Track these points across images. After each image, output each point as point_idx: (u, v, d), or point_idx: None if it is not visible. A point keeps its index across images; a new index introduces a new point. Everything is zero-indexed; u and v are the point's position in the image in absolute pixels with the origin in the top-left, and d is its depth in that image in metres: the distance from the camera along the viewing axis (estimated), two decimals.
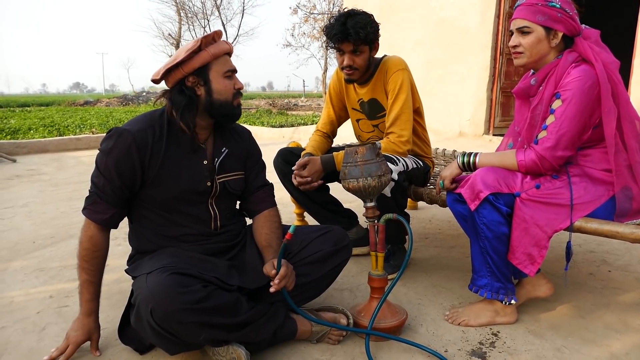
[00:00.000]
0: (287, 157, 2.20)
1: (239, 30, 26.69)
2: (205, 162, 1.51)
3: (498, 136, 5.75)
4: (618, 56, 1.58)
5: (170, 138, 1.45)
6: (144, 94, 26.18)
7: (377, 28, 2.03)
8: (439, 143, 5.05)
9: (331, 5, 22.76)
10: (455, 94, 6.18)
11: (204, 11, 26.19)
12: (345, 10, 2.02)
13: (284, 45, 26.37)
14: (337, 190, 2.22)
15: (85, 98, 27.38)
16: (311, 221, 2.50)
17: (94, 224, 1.43)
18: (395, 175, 1.88)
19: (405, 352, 1.51)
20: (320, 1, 35.39)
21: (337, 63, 2.11)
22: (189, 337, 1.29)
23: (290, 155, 2.20)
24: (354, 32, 1.92)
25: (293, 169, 2.04)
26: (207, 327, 1.28)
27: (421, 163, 2.18)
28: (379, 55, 2.15)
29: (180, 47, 1.43)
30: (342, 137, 2.95)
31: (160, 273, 1.26)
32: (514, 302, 1.64)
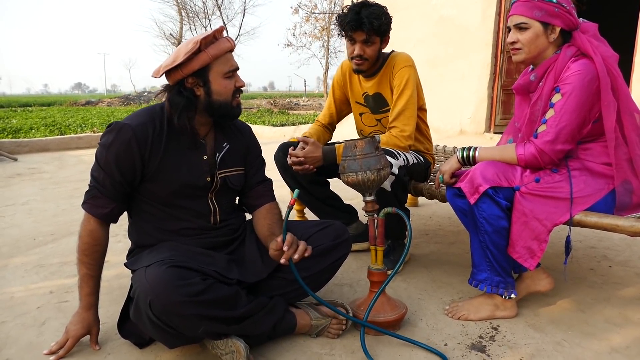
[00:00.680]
0: (288, 151, 2.19)
1: (240, 30, 26.71)
2: (205, 157, 1.51)
3: (499, 134, 5.73)
4: (619, 53, 1.57)
5: (170, 133, 1.45)
6: (146, 94, 26.20)
7: (390, 20, 2.03)
8: (440, 141, 5.05)
9: (332, 5, 22.80)
10: (456, 92, 6.17)
11: (205, 11, 26.27)
12: (359, 0, 2.02)
13: (285, 45, 26.48)
14: (337, 186, 2.22)
15: (86, 98, 27.42)
16: (311, 218, 2.49)
17: (94, 218, 1.44)
18: (395, 170, 1.87)
19: (404, 345, 1.51)
20: (321, 1, 35.54)
21: (347, 53, 2.11)
22: (188, 330, 1.29)
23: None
24: (367, 21, 1.93)
25: (290, 148, 2.04)
26: (206, 319, 1.28)
27: (422, 159, 2.18)
28: (386, 51, 2.16)
29: (180, 45, 1.42)
30: (344, 135, 2.95)
31: (159, 266, 1.26)
32: (513, 296, 1.64)
